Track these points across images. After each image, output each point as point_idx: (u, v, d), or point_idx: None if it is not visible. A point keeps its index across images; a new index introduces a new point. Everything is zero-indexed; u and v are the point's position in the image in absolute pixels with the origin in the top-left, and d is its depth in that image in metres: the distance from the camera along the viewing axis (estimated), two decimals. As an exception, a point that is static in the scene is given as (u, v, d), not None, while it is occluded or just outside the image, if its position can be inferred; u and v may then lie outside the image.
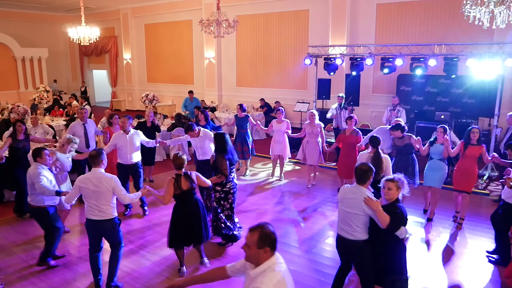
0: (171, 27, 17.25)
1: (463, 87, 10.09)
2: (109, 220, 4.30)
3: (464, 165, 5.95)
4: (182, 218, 4.67)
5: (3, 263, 5.13)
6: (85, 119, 7.28)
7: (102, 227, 4.31)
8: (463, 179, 5.97)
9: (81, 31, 12.15)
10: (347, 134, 7.24)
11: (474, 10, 6.00)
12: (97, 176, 4.28)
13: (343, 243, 3.83)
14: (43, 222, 4.99)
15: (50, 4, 17.61)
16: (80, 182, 4.29)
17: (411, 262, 4.26)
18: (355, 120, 7.28)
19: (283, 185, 8.25)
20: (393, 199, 3.70)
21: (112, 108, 19.58)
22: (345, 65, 11.02)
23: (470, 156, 5.89)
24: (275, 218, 6.54)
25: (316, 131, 7.82)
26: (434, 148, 6.17)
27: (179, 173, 4.65)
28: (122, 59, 19.37)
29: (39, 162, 4.89)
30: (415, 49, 9.35)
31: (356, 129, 7.33)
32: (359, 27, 12.07)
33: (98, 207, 4.23)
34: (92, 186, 4.22)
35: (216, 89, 15.87)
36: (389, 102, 10.94)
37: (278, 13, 13.82)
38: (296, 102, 12.77)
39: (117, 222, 4.41)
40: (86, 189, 4.25)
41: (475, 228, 6.12)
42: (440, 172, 6.16)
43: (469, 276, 4.84)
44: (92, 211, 4.26)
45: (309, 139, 7.91)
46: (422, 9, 10.99)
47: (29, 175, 4.86)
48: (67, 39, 16.50)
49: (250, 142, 8.62)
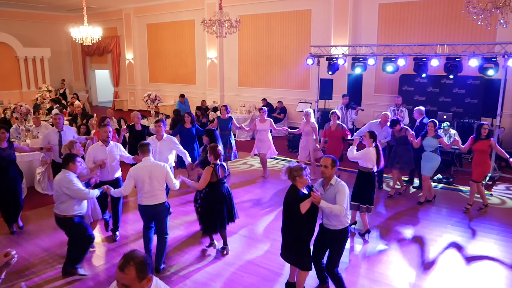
0: (174, 27, 17.27)
1: (465, 87, 10.10)
2: (161, 204, 4.78)
3: (475, 158, 6.65)
4: (217, 203, 5.11)
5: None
6: (60, 126, 6.83)
7: (155, 211, 4.77)
8: (474, 170, 6.62)
9: (84, 31, 12.18)
10: (333, 129, 7.75)
11: (476, 10, 5.99)
12: (150, 164, 4.74)
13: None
14: (69, 232, 4.82)
15: (53, 4, 17.64)
16: (134, 172, 4.68)
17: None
18: (337, 115, 7.81)
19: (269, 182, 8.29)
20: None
21: (114, 108, 19.62)
22: (347, 65, 11.01)
23: (479, 149, 6.50)
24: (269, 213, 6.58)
25: (309, 130, 8.09)
26: (426, 141, 6.81)
27: (216, 163, 5.05)
28: (125, 59, 19.39)
29: (69, 170, 4.63)
30: (417, 49, 9.34)
31: (340, 123, 7.83)
32: (362, 27, 12.05)
33: (152, 192, 4.67)
34: (146, 174, 4.63)
35: (218, 89, 15.87)
36: (391, 102, 10.96)
37: (280, 13, 13.81)
38: (298, 102, 12.77)
39: (167, 206, 4.90)
40: (141, 177, 4.64)
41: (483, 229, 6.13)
42: (432, 162, 6.78)
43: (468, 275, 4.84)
44: (146, 198, 4.70)
45: (302, 137, 8.21)
46: (425, 9, 10.98)
47: (57, 182, 4.61)
48: (69, 39, 16.54)
49: (234, 145, 8.57)
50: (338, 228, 4.06)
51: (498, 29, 9.49)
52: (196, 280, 4.74)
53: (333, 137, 7.77)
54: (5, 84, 17.12)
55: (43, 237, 5.92)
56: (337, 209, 3.87)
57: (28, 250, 5.50)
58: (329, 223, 4.08)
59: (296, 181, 3.96)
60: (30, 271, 4.96)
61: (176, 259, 5.21)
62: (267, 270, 4.95)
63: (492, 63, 8.34)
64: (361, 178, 5.80)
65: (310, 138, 8.12)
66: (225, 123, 8.53)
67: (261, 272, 4.92)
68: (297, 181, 3.95)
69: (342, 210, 3.88)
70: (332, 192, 4.01)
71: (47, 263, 5.15)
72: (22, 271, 4.97)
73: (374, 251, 5.43)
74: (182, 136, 7.79)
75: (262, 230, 6.14)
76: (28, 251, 5.49)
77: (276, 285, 4.65)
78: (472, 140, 6.55)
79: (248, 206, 7.08)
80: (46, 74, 18.51)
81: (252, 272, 4.91)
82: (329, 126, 7.84)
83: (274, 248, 5.48)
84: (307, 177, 3.98)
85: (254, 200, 7.40)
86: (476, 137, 6.51)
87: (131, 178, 4.70)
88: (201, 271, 4.94)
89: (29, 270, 4.99)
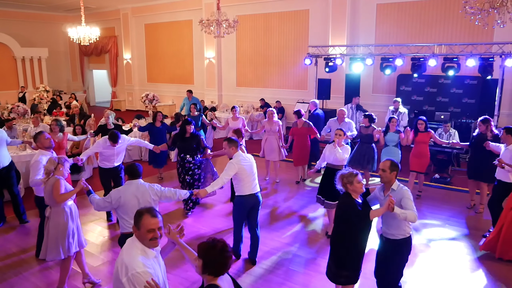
0: (171, 27, 17.26)
1: (462, 87, 10.14)
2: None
3: (417, 150, 7.10)
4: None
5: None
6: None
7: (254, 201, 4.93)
8: (416, 161, 7.10)
9: (81, 31, 12.15)
10: (299, 127, 7.92)
11: (474, 10, 6.01)
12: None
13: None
14: None
15: (50, 4, 17.60)
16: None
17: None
18: (303, 115, 8.06)
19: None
20: None
21: (112, 108, 19.60)
22: (345, 65, 11.03)
23: (421, 142, 7.00)
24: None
25: (275, 128, 8.06)
26: (388, 136, 7.14)
27: None
28: (122, 59, 19.37)
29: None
30: (415, 49, 9.36)
31: (306, 121, 7.99)
32: (359, 27, 12.07)
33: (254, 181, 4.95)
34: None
35: (216, 89, 15.87)
36: (389, 102, 10.98)
37: (278, 13, 13.82)
38: (296, 102, 12.78)
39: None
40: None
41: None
42: (394, 156, 6.80)
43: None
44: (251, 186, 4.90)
45: (268, 136, 8.17)
46: (422, 9, 11.00)
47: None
48: (67, 39, 16.50)
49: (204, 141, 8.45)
50: (398, 238, 3.74)
51: (495, 29, 9.53)
52: (195, 281, 4.73)
53: (300, 135, 7.94)
54: (3, 84, 17.08)
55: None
56: (412, 215, 3.56)
57: (25, 251, 5.49)
58: (388, 231, 3.79)
59: (348, 188, 3.69)
60: (26, 270, 4.94)
61: (175, 259, 5.19)
62: (265, 270, 4.96)
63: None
64: (332, 175, 5.61)
65: (276, 137, 8.09)
66: (195, 120, 8.64)
67: (260, 272, 4.94)
68: (349, 188, 3.68)
69: (416, 216, 3.59)
70: (395, 198, 3.66)
71: (44, 263, 5.13)
72: (18, 270, 4.96)
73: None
74: (152, 134, 8.27)
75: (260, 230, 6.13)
76: (25, 251, 5.47)
77: (275, 286, 4.66)
78: (413, 133, 7.09)
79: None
80: (44, 74, 18.46)
81: (251, 273, 4.92)
82: (296, 125, 8.00)
83: (272, 248, 5.50)
84: (360, 183, 3.69)
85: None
86: (416, 130, 7.05)
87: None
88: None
89: (25, 268, 4.98)
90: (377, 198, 3.98)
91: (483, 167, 6.28)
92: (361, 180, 3.70)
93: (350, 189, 3.68)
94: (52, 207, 4.29)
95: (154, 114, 8.42)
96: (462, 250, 5.47)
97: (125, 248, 2.63)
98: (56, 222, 4.24)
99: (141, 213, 2.63)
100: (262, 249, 5.41)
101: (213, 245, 2.42)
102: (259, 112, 13.30)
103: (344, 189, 3.74)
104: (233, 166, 4.74)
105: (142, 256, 2.54)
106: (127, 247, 2.62)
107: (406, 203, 3.64)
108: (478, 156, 6.37)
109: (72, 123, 10.53)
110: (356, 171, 3.74)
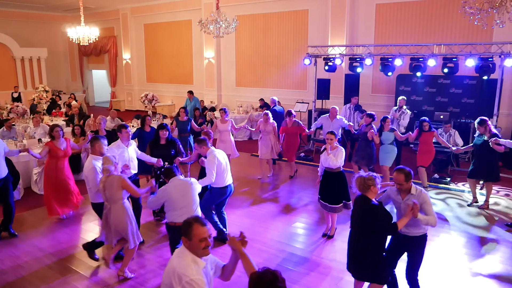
0: (171, 27, 17.25)
1: (462, 87, 10.14)
2: None
3: (423, 148, 7.64)
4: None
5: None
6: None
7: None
8: (422, 157, 7.64)
9: (81, 31, 12.15)
10: (289, 126, 8.32)
11: (473, 10, 6.01)
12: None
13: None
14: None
15: (49, 4, 17.58)
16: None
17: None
18: (293, 115, 8.38)
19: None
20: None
21: (111, 108, 19.59)
22: (344, 65, 11.03)
23: (425, 141, 7.54)
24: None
25: (269, 129, 8.33)
26: (384, 135, 7.40)
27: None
28: (122, 59, 19.35)
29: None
30: (414, 49, 9.36)
31: (296, 120, 8.41)
32: (359, 27, 12.07)
33: None
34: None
35: (215, 89, 15.87)
36: (388, 102, 11.00)
37: (277, 13, 13.81)
38: (295, 102, 12.77)
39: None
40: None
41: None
42: (391, 154, 7.43)
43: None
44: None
45: (263, 136, 8.42)
46: (421, 9, 11.00)
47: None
48: (66, 39, 16.49)
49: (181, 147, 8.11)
50: (418, 235, 3.88)
51: (494, 29, 9.54)
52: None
53: (290, 134, 8.38)
54: (2, 84, 17.06)
55: (39, 237, 5.90)
56: (433, 220, 3.72)
57: (25, 251, 5.48)
58: (407, 230, 3.87)
59: (370, 190, 3.74)
60: (26, 272, 4.94)
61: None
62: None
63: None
64: (335, 178, 5.67)
65: (271, 136, 8.37)
66: (184, 125, 8.35)
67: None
68: (371, 190, 3.73)
69: (436, 220, 3.75)
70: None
71: (43, 263, 5.13)
72: (19, 271, 4.95)
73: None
74: (141, 140, 7.36)
75: (260, 229, 6.13)
76: (25, 251, 5.47)
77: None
78: (417, 132, 7.58)
79: (246, 206, 7.10)
80: (43, 74, 18.45)
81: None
82: (286, 124, 8.39)
83: (271, 248, 5.50)
84: (379, 186, 3.81)
85: (250, 201, 7.42)
86: (420, 129, 7.55)
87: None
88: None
89: (25, 270, 4.97)
90: (390, 199, 4.05)
91: (489, 167, 6.61)
92: (380, 183, 3.83)
93: (372, 191, 3.73)
94: (112, 204, 4.58)
95: (142, 118, 7.55)
96: (461, 249, 5.48)
97: (174, 259, 2.61)
98: (116, 216, 4.56)
99: (190, 223, 2.58)
100: (259, 248, 5.41)
101: (262, 278, 2.32)
102: (259, 112, 13.30)
103: (363, 191, 3.76)
104: (212, 160, 5.13)
105: (194, 265, 2.53)
106: (177, 257, 2.60)
107: (427, 209, 3.76)
108: (482, 157, 6.67)
109: (72, 123, 10.53)
110: (374, 175, 3.80)
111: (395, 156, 7.54)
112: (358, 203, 3.84)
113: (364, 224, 3.73)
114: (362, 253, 3.78)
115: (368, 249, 3.72)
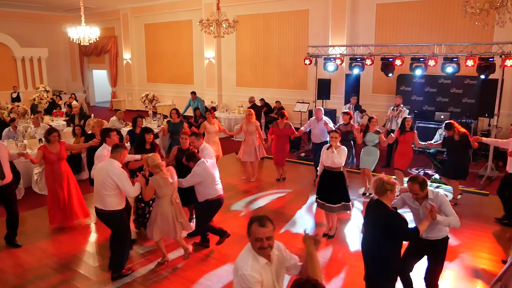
0: (171, 27, 17.26)
1: (462, 87, 10.15)
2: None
3: (401, 149, 7.27)
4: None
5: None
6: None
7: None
8: (400, 159, 7.27)
9: (81, 31, 12.16)
10: (281, 127, 8.00)
11: (474, 11, 6.01)
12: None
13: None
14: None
15: (50, 4, 17.60)
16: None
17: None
18: (286, 117, 8.13)
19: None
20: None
21: (112, 108, 19.61)
22: (345, 65, 11.03)
23: (405, 141, 7.17)
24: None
25: (252, 129, 8.09)
26: (368, 136, 7.21)
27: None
28: (122, 59, 19.36)
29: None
30: (414, 49, 9.36)
31: (288, 122, 8.12)
32: (359, 27, 12.07)
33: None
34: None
35: (216, 89, 15.87)
36: (389, 102, 10.98)
37: (278, 13, 13.82)
38: (296, 102, 12.77)
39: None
40: None
41: (474, 227, 6.14)
42: (373, 156, 7.24)
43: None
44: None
45: (246, 137, 8.18)
46: (422, 9, 11.00)
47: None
48: (67, 39, 16.48)
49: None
50: (439, 238, 3.78)
51: (495, 29, 9.54)
52: (193, 280, 4.73)
53: (281, 136, 8.03)
54: (2, 84, 17.04)
55: (40, 237, 5.91)
56: (455, 221, 3.61)
57: (26, 250, 5.48)
58: (429, 234, 3.76)
59: (386, 196, 3.55)
60: (27, 271, 4.94)
61: (174, 259, 5.20)
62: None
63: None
64: (335, 178, 5.66)
65: (254, 137, 8.12)
66: (176, 127, 8.05)
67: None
68: (387, 196, 3.55)
69: (458, 220, 3.63)
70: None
71: (44, 263, 5.14)
72: (19, 271, 4.95)
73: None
74: (132, 142, 6.98)
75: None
76: (26, 251, 5.47)
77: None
78: (398, 133, 7.25)
79: (246, 206, 7.11)
80: (44, 74, 18.45)
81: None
82: (277, 125, 8.04)
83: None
84: (397, 193, 3.68)
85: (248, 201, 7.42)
86: (401, 129, 7.19)
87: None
88: (199, 271, 4.94)
89: (26, 270, 4.98)
90: (405, 204, 3.96)
91: (458, 166, 6.83)
92: (397, 190, 3.70)
93: (388, 196, 3.56)
94: (158, 199, 4.89)
95: (134, 119, 7.16)
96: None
97: (242, 251, 2.68)
98: (163, 211, 4.84)
99: (252, 221, 2.61)
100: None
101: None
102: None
103: (379, 195, 3.60)
104: (207, 149, 5.60)
105: (253, 261, 2.57)
106: (244, 250, 2.67)
107: (447, 210, 3.67)
108: (452, 157, 6.93)
109: (72, 123, 10.54)
110: (394, 181, 3.66)
111: (377, 160, 7.32)
112: (373, 208, 3.68)
113: (382, 231, 3.57)
114: (377, 260, 3.66)
115: (383, 256, 3.61)
